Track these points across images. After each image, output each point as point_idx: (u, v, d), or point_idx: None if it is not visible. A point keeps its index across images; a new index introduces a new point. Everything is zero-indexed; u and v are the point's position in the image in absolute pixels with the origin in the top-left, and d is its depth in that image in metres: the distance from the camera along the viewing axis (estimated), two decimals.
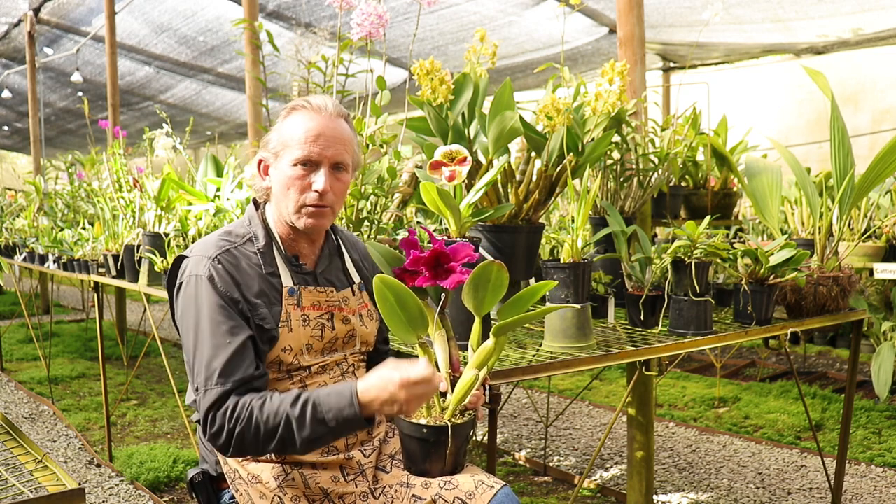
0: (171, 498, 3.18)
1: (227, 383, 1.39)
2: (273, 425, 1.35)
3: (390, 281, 1.37)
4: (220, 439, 1.39)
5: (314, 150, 1.50)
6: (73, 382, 5.17)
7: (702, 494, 3.19)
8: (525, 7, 5.66)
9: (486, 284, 1.39)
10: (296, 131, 1.51)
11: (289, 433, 1.35)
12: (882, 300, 4.30)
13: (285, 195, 1.52)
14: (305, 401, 1.36)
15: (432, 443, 1.42)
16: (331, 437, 1.38)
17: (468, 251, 1.40)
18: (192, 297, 1.47)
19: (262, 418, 1.36)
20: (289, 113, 1.56)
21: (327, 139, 1.51)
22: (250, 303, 1.47)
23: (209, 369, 1.41)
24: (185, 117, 8.15)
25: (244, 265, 1.51)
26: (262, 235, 1.56)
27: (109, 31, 5.88)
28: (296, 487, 1.49)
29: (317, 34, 2.56)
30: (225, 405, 1.38)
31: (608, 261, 2.38)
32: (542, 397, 4.76)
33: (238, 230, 1.58)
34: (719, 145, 2.93)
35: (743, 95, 7.49)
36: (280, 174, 1.53)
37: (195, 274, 1.48)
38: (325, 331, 1.56)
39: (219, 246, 1.52)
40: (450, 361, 1.47)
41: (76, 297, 10.00)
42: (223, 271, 1.47)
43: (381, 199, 2.29)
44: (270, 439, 1.36)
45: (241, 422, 1.36)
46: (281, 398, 1.38)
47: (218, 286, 1.45)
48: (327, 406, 1.35)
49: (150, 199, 3.19)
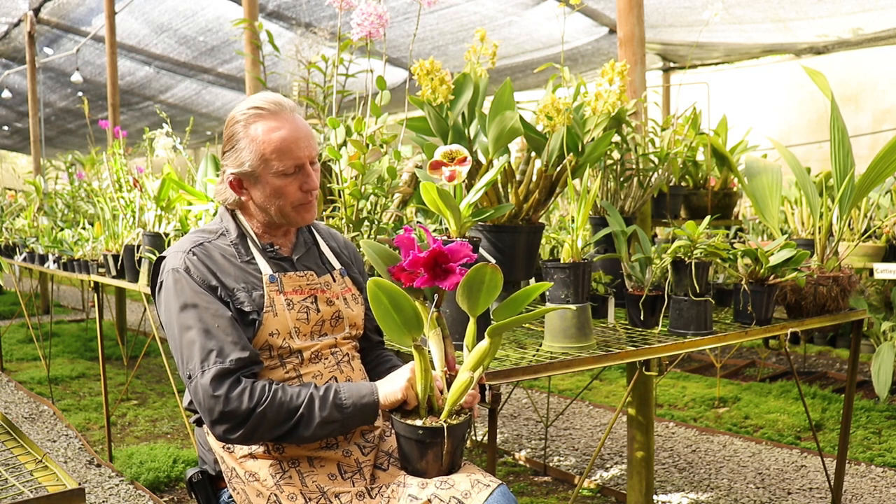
0: (171, 498, 3.18)
1: (226, 362, 1.42)
2: (296, 405, 1.42)
3: (384, 283, 1.37)
4: (232, 419, 1.39)
5: (298, 156, 1.53)
6: (73, 382, 5.17)
7: (702, 494, 3.19)
8: (525, 7, 5.66)
9: (479, 286, 1.39)
10: (271, 143, 1.52)
11: (309, 412, 1.42)
12: (882, 300, 4.30)
13: (274, 202, 1.56)
14: (328, 387, 1.46)
15: (428, 444, 1.42)
16: (340, 425, 1.45)
17: (466, 251, 1.40)
18: (171, 290, 1.50)
19: (285, 398, 1.42)
20: (248, 124, 1.54)
21: (301, 139, 1.54)
22: (227, 287, 1.51)
23: (204, 351, 1.42)
24: (185, 117, 8.16)
25: (218, 256, 1.55)
26: (233, 228, 1.60)
27: (109, 31, 5.88)
28: (293, 485, 1.49)
29: (317, 34, 2.56)
30: (231, 381, 1.40)
31: (608, 261, 2.38)
32: (542, 397, 4.76)
33: (210, 227, 1.63)
34: (719, 145, 2.93)
35: (743, 95, 7.49)
36: (267, 187, 1.55)
37: (172, 268, 1.52)
38: (311, 313, 1.58)
39: (192, 241, 1.56)
40: (445, 360, 1.47)
41: (76, 297, 10.01)
42: (198, 262, 1.51)
43: (381, 199, 2.29)
44: (289, 418, 1.42)
45: (263, 401, 1.40)
46: (302, 388, 1.46)
47: (194, 276, 1.49)
48: (349, 394, 1.46)
49: (150, 199, 3.19)
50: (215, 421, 1.41)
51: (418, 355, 1.42)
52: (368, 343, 1.75)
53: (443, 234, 1.79)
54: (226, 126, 1.60)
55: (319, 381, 1.54)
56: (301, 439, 1.45)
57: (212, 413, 1.41)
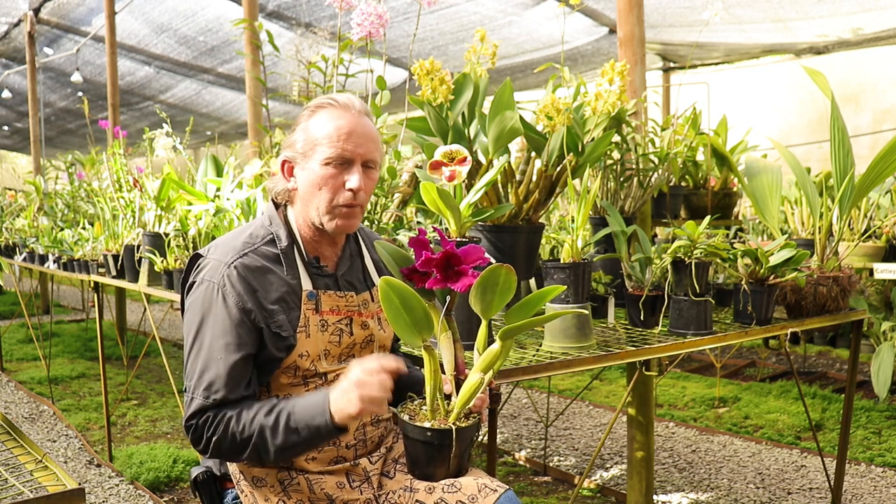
0: (171, 498, 3.18)
1: (209, 399, 1.40)
2: (248, 434, 1.37)
3: (395, 283, 1.36)
4: (199, 445, 1.42)
5: (347, 148, 1.46)
6: (73, 382, 5.17)
7: (702, 494, 3.19)
8: (525, 7, 5.66)
9: (493, 288, 1.37)
10: (325, 129, 1.47)
11: (262, 441, 1.37)
12: (882, 300, 4.30)
13: (315, 195, 1.48)
14: (280, 411, 1.38)
15: (436, 446, 1.41)
16: (303, 446, 1.39)
17: (479, 254, 1.39)
18: (199, 303, 1.45)
19: (237, 428, 1.38)
20: (314, 111, 1.51)
21: (359, 137, 1.48)
22: (266, 310, 1.44)
23: (198, 379, 1.42)
24: (185, 117, 8.15)
25: (263, 269, 1.47)
26: (285, 236, 1.52)
27: (109, 31, 5.88)
28: (300, 492, 1.48)
29: (317, 34, 2.56)
30: (205, 416, 1.40)
31: (608, 261, 2.38)
32: (542, 397, 4.76)
33: (258, 231, 1.53)
34: (719, 145, 2.92)
35: (743, 95, 7.49)
36: (310, 174, 1.48)
37: (209, 280, 1.45)
38: (344, 336, 1.54)
39: (238, 250, 1.47)
40: (455, 364, 1.46)
41: (76, 297, 10.00)
42: (238, 278, 1.43)
43: (381, 199, 2.29)
44: (245, 448, 1.38)
45: (218, 431, 1.38)
46: (257, 408, 1.39)
47: (228, 297, 1.42)
48: (301, 416, 1.37)
49: (150, 199, 3.19)
50: (193, 444, 1.44)
51: (428, 357, 1.42)
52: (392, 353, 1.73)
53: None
54: (295, 120, 1.57)
55: None
56: (271, 462, 1.42)
57: (188, 437, 1.44)
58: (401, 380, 1.70)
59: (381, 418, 1.60)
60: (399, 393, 1.63)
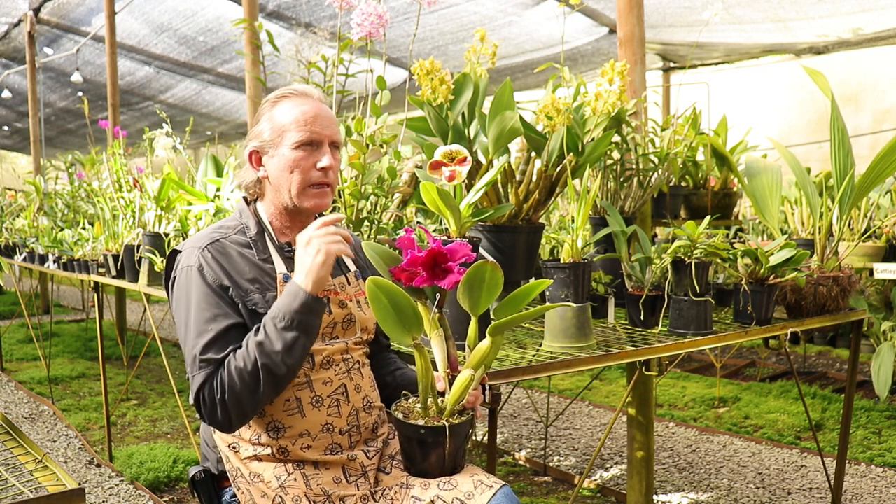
0: (171, 498, 3.18)
1: (208, 366, 1.43)
2: (251, 362, 1.40)
3: (383, 283, 1.37)
4: (216, 413, 1.42)
5: (316, 131, 1.55)
6: (73, 382, 5.17)
7: (702, 494, 3.19)
8: (525, 7, 5.66)
9: (480, 284, 1.39)
10: (292, 115, 1.55)
11: (267, 357, 1.39)
12: (882, 300, 4.30)
13: (287, 179, 1.55)
14: (264, 323, 1.42)
15: (430, 443, 1.42)
16: (303, 336, 1.41)
17: (465, 251, 1.40)
18: (182, 288, 1.52)
19: (239, 364, 1.41)
20: (276, 102, 1.59)
21: (324, 119, 1.57)
22: (241, 288, 1.50)
23: (193, 356, 1.45)
24: (185, 117, 8.16)
25: (234, 253, 1.55)
26: (254, 224, 1.60)
27: (109, 31, 5.88)
28: (297, 488, 1.49)
29: (317, 34, 2.56)
30: (208, 384, 1.42)
31: (608, 261, 2.38)
32: (542, 397, 4.76)
33: (228, 223, 1.63)
34: (719, 145, 2.93)
35: (743, 95, 7.49)
36: (281, 159, 1.55)
37: (186, 265, 1.53)
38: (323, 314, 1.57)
39: (209, 237, 1.56)
40: (448, 361, 1.47)
41: (76, 297, 10.00)
42: (212, 259, 1.51)
43: (381, 199, 2.29)
44: (257, 377, 1.39)
45: (225, 382, 1.40)
46: (245, 340, 1.43)
47: (206, 275, 1.49)
48: (282, 310, 1.41)
49: (150, 199, 3.19)
50: (209, 421, 1.44)
51: (419, 354, 1.42)
52: (378, 346, 1.75)
53: (443, 235, 1.79)
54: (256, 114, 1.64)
55: (329, 389, 1.54)
56: (286, 377, 1.43)
57: (202, 416, 1.44)
58: (397, 379, 1.71)
59: (374, 404, 1.62)
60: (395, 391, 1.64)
